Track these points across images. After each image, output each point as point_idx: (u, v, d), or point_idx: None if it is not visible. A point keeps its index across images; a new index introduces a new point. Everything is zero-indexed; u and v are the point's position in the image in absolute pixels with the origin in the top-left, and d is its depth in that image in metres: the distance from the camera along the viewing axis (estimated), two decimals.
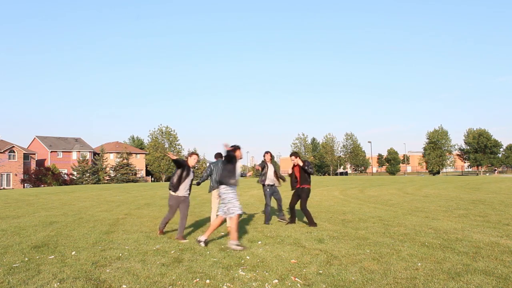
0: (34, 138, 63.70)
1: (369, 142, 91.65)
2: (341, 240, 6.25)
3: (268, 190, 8.53)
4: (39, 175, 51.79)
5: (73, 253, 5.58)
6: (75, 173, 55.85)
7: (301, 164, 7.95)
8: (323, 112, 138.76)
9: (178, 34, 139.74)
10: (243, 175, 7.92)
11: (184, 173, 6.75)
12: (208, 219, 9.07)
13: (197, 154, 7.29)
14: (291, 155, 8.18)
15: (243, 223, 8.43)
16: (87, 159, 58.27)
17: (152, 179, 68.20)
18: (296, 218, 8.46)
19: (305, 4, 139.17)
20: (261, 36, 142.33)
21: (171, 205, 6.82)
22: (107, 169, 58.96)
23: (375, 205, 11.70)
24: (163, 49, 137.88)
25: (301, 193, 7.99)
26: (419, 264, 4.71)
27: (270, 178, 8.50)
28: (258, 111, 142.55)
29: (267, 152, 8.66)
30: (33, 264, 4.97)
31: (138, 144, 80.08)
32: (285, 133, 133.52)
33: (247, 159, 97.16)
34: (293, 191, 8.27)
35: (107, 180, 57.55)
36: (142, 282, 4.17)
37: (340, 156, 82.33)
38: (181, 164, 6.74)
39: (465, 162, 79.09)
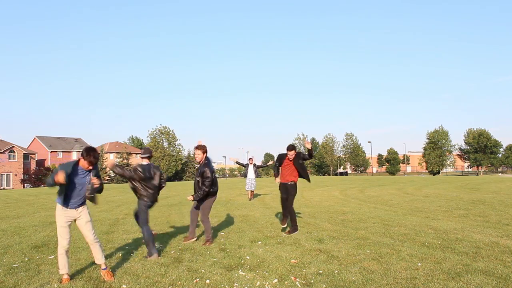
0: (34, 138, 63.73)
1: (369, 142, 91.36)
2: (341, 240, 6.25)
3: None
4: (39, 175, 51.78)
5: (73, 253, 5.58)
6: None
7: (309, 147, 7.05)
8: (323, 112, 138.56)
9: (178, 34, 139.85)
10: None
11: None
12: None
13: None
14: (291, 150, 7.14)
15: (244, 223, 8.43)
16: None
17: None
18: (296, 219, 7.53)
19: (305, 4, 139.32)
20: (261, 36, 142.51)
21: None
22: (107, 169, 58.96)
23: (375, 205, 11.69)
24: (163, 49, 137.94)
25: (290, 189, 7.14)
26: (419, 264, 4.71)
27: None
28: (258, 111, 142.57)
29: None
30: (33, 264, 4.97)
31: (138, 144, 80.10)
32: (285, 133, 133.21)
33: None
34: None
35: (107, 180, 57.58)
36: (142, 282, 4.17)
37: (340, 156, 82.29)
38: None
39: (465, 162, 79.05)
